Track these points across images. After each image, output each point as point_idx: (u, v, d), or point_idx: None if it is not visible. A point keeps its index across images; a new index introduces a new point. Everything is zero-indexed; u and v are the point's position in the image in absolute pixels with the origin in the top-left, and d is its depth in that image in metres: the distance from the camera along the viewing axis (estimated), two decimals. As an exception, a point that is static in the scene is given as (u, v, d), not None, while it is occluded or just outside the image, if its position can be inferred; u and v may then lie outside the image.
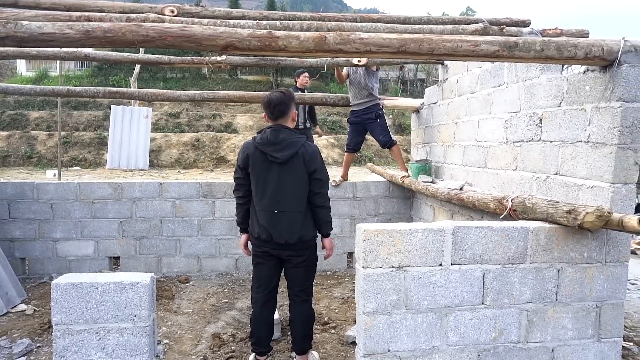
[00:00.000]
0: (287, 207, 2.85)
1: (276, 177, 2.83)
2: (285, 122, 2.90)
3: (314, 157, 2.86)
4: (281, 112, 2.86)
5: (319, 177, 2.88)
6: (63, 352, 1.98)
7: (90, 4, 3.51)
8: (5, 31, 2.03)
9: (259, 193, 2.88)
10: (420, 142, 5.72)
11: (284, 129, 2.86)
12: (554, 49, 2.29)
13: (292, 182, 2.84)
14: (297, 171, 2.83)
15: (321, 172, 2.89)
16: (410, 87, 31.11)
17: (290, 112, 2.90)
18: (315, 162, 2.86)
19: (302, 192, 2.87)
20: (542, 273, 2.32)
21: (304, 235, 2.91)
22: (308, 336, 3.09)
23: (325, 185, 2.93)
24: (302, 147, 2.85)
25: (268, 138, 2.83)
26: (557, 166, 2.88)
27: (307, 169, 2.84)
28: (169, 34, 2.15)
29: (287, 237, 2.86)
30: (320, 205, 2.93)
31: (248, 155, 2.88)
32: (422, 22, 3.64)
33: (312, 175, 2.86)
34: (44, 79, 24.82)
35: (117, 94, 5.72)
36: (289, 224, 2.86)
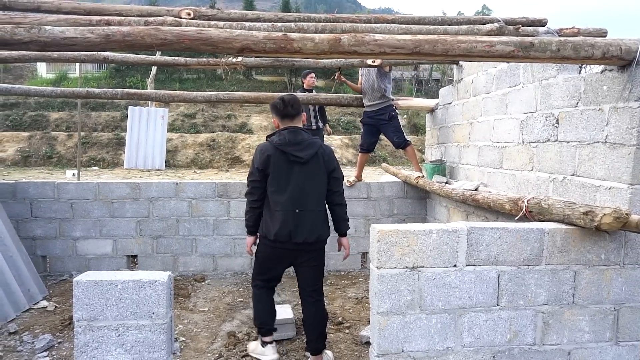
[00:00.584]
0: (309, 206, 2.90)
1: (298, 177, 2.87)
2: (299, 122, 2.97)
3: (332, 157, 3.00)
4: (297, 111, 2.93)
5: (337, 175, 3.00)
6: (84, 348, 2.03)
7: (109, 8, 3.59)
8: (30, 36, 2.10)
9: (280, 193, 2.88)
10: (435, 142, 5.69)
11: (300, 130, 2.93)
12: (570, 49, 2.27)
13: (313, 181, 2.91)
14: (317, 170, 2.91)
15: (338, 171, 3.02)
16: (425, 87, 30.92)
17: (302, 114, 3.01)
18: (333, 161, 2.99)
19: (322, 191, 2.97)
20: (558, 275, 2.30)
21: (322, 234, 2.98)
22: (322, 336, 3.11)
23: (342, 184, 3.05)
24: (321, 148, 2.97)
25: (287, 139, 2.86)
26: (574, 167, 2.85)
27: (326, 168, 2.94)
28: (187, 37, 2.19)
29: (307, 235, 2.89)
30: (339, 203, 3.04)
31: (269, 157, 2.88)
32: (437, 23, 3.63)
33: (332, 174, 2.97)
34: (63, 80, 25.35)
35: (135, 95, 5.82)
36: (311, 222, 2.90)
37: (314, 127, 6.71)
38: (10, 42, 2.11)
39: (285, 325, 3.57)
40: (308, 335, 3.09)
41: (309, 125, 6.67)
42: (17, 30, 2.11)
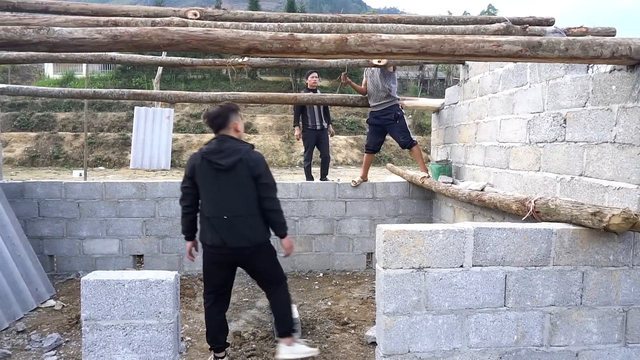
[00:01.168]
0: (237, 212, 2.92)
1: (223, 184, 2.92)
2: (228, 132, 3.00)
3: (257, 163, 2.95)
4: (219, 125, 2.98)
5: (265, 181, 2.95)
6: (92, 347, 2.04)
7: (116, 9, 3.61)
8: (39, 37, 2.11)
9: (207, 200, 2.99)
10: (441, 142, 5.68)
11: (228, 139, 2.98)
12: (578, 48, 2.26)
13: (239, 188, 2.92)
14: (241, 177, 2.91)
15: (266, 177, 2.96)
16: (430, 87, 30.83)
17: (231, 122, 2.99)
18: (259, 167, 2.95)
19: (250, 196, 2.94)
20: (566, 276, 2.28)
21: (255, 238, 2.98)
22: (287, 317, 3.15)
23: (273, 190, 3.00)
24: (246, 154, 2.94)
25: (212, 148, 2.96)
26: (581, 167, 2.83)
27: (251, 174, 2.91)
28: (194, 38, 2.20)
29: (239, 240, 2.93)
30: (270, 209, 3.00)
31: (194, 166, 3.00)
32: (443, 22, 3.62)
33: (258, 180, 2.93)
34: (70, 81, 25.52)
35: (141, 95, 5.85)
36: (241, 228, 2.93)
37: (318, 127, 6.69)
38: (20, 43, 2.13)
39: (291, 325, 3.57)
40: (274, 319, 3.23)
41: (313, 125, 6.66)
42: (26, 31, 2.13)
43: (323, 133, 6.78)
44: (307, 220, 5.43)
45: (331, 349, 3.43)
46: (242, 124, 3.10)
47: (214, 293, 3.16)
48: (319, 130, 6.71)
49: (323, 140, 6.82)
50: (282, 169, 19.68)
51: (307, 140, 6.77)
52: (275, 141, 21.51)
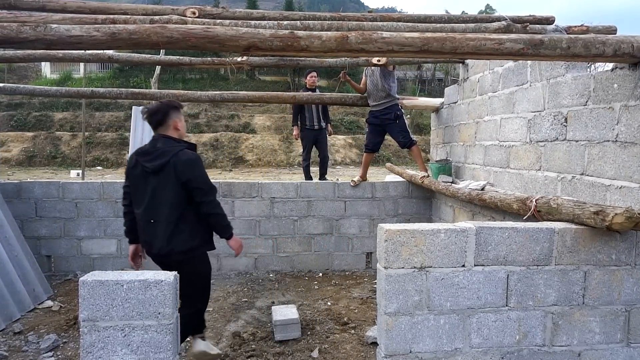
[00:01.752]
0: (161, 217, 2.77)
1: (150, 187, 2.78)
2: (166, 131, 2.86)
3: (187, 166, 2.76)
4: (157, 122, 2.85)
5: (197, 185, 2.77)
6: (90, 348, 2.02)
7: (114, 7, 3.59)
8: (35, 34, 2.08)
9: (137, 203, 2.87)
10: (440, 142, 5.66)
11: (162, 138, 2.84)
12: (581, 46, 2.24)
13: (165, 192, 2.76)
14: (169, 180, 2.75)
15: (199, 181, 2.79)
16: (429, 87, 30.85)
17: (170, 120, 2.85)
18: (188, 171, 2.76)
19: (175, 202, 2.76)
20: (568, 275, 2.27)
21: (176, 247, 2.77)
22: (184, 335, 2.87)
23: (209, 193, 2.81)
24: (175, 157, 2.76)
25: (146, 148, 2.86)
26: (583, 166, 2.82)
27: (179, 178, 2.74)
28: (193, 35, 2.17)
29: (160, 247, 2.78)
30: (208, 213, 2.82)
31: (128, 167, 2.94)
32: (443, 21, 3.60)
33: (189, 184, 2.76)
34: (67, 80, 25.43)
35: (140, 95, 5.82)
36: (164, 234, 2.76)
37: (317, 127, 6.67)
38: (16, 41, 2.10)
39: (291, 325, 3.56)
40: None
41: (311, 125, 6.65)
42: (23, 28, 2.10)
43: (321, 133, 6.77)
44: (307, 220, 5.41)
45: (331, 349, 3.41)
46: (183, 123, 2.95)
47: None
48: (317, 130, 6.70)
49: (321, 139, 6.81)
50: (281, 168, 19.67)
51: (305, 140, 6.77)
52: (273, 141, 21.48)
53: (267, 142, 21.19)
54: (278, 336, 3.52)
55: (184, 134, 2.98)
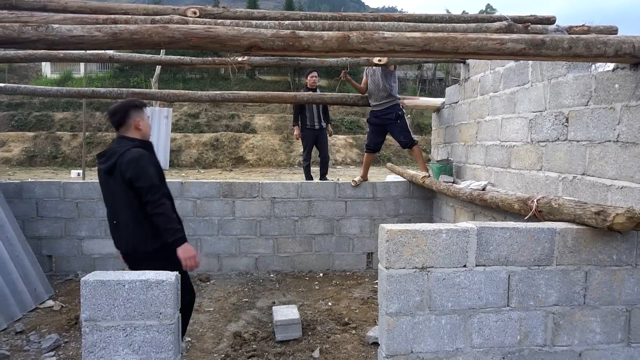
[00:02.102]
0: (119, 218, 2.80)
1: (109, 188, 2.82)
2: (126, 131, 2.83)
3: (129, 165, 2.71)
4: (117, 123, 2.83)
5: (140, 185, 2.71)
6: (92, 348, 2.02)
7: (115, 7, 3.59)
8: (37, 34, 2.08)
9: (105, 204, 2.92)
10: (441, 142, 5.66)
11: (120, 139, 2.84)
12: (582, 46, 2.24)
13: (117, 192, 2.77)
14: (117, 181, 2.75)
15: (140, 179, 2.71)
16: (429, 87, 30.84)
17: (130, 120, 2.82)
18: (130, 170, 2.71)
19: (127, 202, 2.75)
20: (569, 275, 2.27)
21: (138, 247, 2.78)
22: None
23: (150, 192, 2.71)
24: (120, 156, 2.74)
25: (104, 150, 2.88)
26: (584, 166, 2.82)
27: (123, 178, 2.72)
28: (194, 35, 2.17)
29: (124, 246, 2.82)
30: (151, 213, 2.73)
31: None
32: (444, 21, 3.60)
33: (132, 184, 2.72)
34: (67, 80, 25.44)
35: (140, 95, 5.81)
36: (123, 233, 2.80)
37: (317, 127, 6.67)
38: (18, 41, 2.10)
39: (291, 325, 3.56)
40: None
41: (311, 125, 6.64)
42: (25, 28, 2.10)
43: (322, 132, 6.76)
44: (307, 220, 5.41)
45: (332, 349, 3.41)
46: (146, 122, 2.89)
47: None
48: (318, 130, 6.69)
49: (322, 139, 6.81)
50: (281, 168, 19.67)
51: (306, 140, 6.76)
52: (274, 141, 21.48)
53: (267, 142, 21.18)
54: (279, 336, 3.52)
55: (147, 132, 2.92)
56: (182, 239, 2.75)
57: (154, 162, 2.83)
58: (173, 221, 2.76)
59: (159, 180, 2.80)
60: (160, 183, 2.81)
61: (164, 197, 2.75)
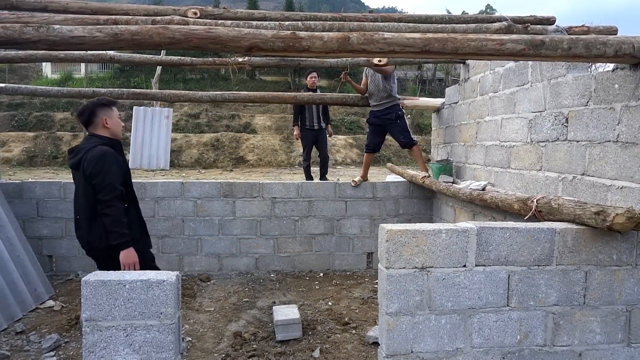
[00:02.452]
0: (80, 213, 2.88)
1: (75, 184, 2.91)
2: (95, 129, 2.91)
3: (91, 162, 2.77)
4: (85, 122, 2.91)
5: (96, 181, 2.75)
6: (92, 348, 2.02)
7: (116, 7, 3.59)
8: (38, 35, 2.09)
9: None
10: (441, 142, 5.67)
11: (90, 137, 2.92)
12: (582, 47, 2.25)
13: (80, 188, 2.86)
14: (81, 177, 2.82)
15: (97, 177, 2.75)
16: (429, 87, 30.84)
17: (98, 119, 2.88)
18: (91, 166, 2.76)
19: (87, 198, 2.82)
20: (569, 275, 2.27)
21: (94, 243, 2.84)
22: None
23: (103, 191, 2.74)
24: (86, 153, 2.81)
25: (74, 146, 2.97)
26: (584, 166, 2.82)
27: (85, 174, 2.79)
28: (195, 36, 2.18)
29: (83, 242, 2.90)
30: (100, 212, 2.77)
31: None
32: (444, 22, 3.61)
33: (90, 180, 2.76)
34: (68, 81, 25.45)
35: (141, 95, 5.84)
36: (83, 229, 2.87)
37: (316, 127, 6.68)
38: (19, 41, 2.11)
39: (292, 325, 3.56)
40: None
41: (311, 125, 6.66)
42: (26, 29, 2.11)
43: (321, 133, 6.78)
44: (308, 220, 5.42)
45: (332, 349, 3.42)
46: (115, 119, 2.94)
47: None
48: (317, 130, 6.71)
49: (321, 140, 6.82)
50: (282, 168, 19.67)
51: (305, 140, 6.78)
52: (274, 141, 21.48)
53: (267, 142, 21.19)
54: (279, 336, 3.53)
55: (116, 130, 2.97)
56: (126, 243, 2.75)
57: (119, 162, 2.87)
58: (119, 225, 2.74)
59: (121, 181, 2.83)
60: (122, 185, 2.84)
61: (117, 200, 2.75)
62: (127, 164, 2.99)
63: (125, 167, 2.95)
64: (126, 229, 2.77)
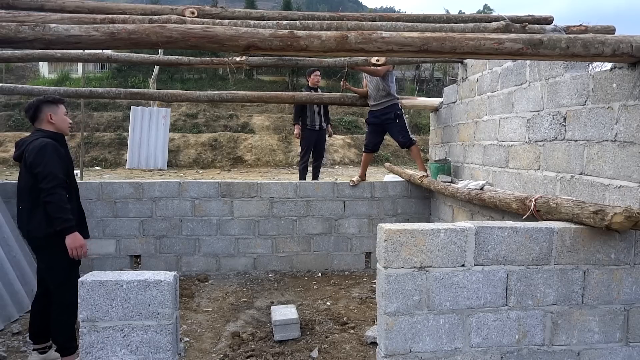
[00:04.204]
0: (22, 203, 3.00)
1: (19, 175, 3.04)
2: (40, 124, 3.05)
3: (31, 152, 2.90)
4: (31, 118, 3.07)
5: (36, 171, 2.87)
6: (89, 349, 2.01)
7: (113, 7, 3.57)
8: (34, 34, 2.08)
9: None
10: (439, 141, 5.67)
11: (35, 131, 3.05)
12: (580, 46, 2.25)
13: (22, 178, 3.00)
14: (23, 168, 2.97)
15: (38, 166, 2.86)
16: (427, 87, 30.87)
17: (43, 114, 3.03)
18: (32, 156, 2.89)
19: (27, 187, 2.96)
20: (568, 275, 2.27)
21: (32, 231, 2.96)
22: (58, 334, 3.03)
23: (45, 180, 2.84)
24: (28, 145, 2.95)
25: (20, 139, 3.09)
26: (582, 166, 2.82)
27: (26, 164, 2.93)
28: (192, 35, 2.17)
29: (23, 231, 3.05)
30: (44, 200, 2.87)
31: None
32: (442, 21, 3.60)
33: (31, 169, 2.89)
34: (65, 81, 25.35)
35: (138, 95, 5.81)
36: (23, 218, 2.99)
37: (318, 127, 6.62)
38: (15, 40, 2.09)
39: (290, 325, 3.55)
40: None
41: (312, 125, 6.60)
42: (22, 28, 2.09)
43: (322, 133, 6.73)
44: (306, 220, 5.41)
45: (331, 349, 3.41)
46: (60, 116, 3.07)
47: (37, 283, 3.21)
48: (318, 131, 6.65)
49: (321, 141, 6.78)
50: (280, 168, 19.65)
51: (306, 141, 6.68)
52: (272, 141, 21.47)
53: (265, 142, 21.17)
54: (277, 336, 3.52)
55: (62, 126, 3.11)
56: (71, 228, 2.88)
57: (60, 153, 2.99)
58: (63, 210, 2.86)
59: (63, 172, 2.94)
60: (64, 175, 2.95)
61: (59, 187, 2.86)
62: (70, 156, 3.13)
63: (67, 159, 3.08)
64: (69, 215, 2.88)
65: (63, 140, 3.12)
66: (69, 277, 2.94)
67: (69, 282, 2.91)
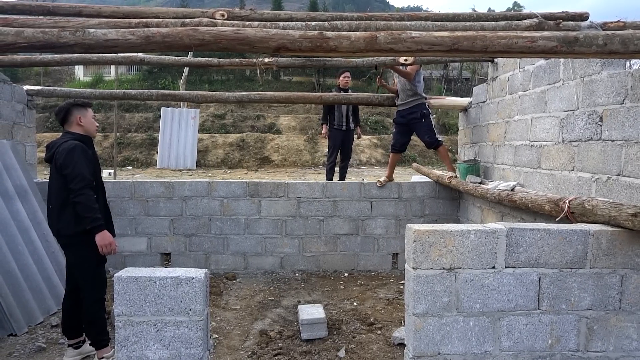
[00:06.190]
0: (52, 202, 3.11)
1: (50, 176, 3.14)
2: (70, 127, 3.17)
3: (61, 154, 3.01)
4: (61, 120, 3.19)
5: (65, 172, 2.98)
6: (124, 342, 2.08)
7: (146, 11, 3.68)
8: (75, 39, 2.16)
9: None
10: (468, 142, 5.58)
11: (64, 134, 3.16)
12: (618, 42, 2.17)
13: (52, 179, 3.10)
14: (54, 169, 3.08)
15: (67, 168, 2.97)
16: (455, 86, 30.37)
17: (72, 117, 3.15)
18: (60, 158, 3.00)
19: (57, 188, 3.05)
20: (604, 279, 2.21)
21: (62, 230, 3.06)
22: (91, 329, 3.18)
23: (74, 181, 2.96)
24: (58, 147, 3.06)
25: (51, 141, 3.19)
26: (619, 167, 2.73)
27: (56, 165, 3.03)
28: (224, 37, 2.21)
29: (53, 230, 3.14)
30: (72, 200, 2.98)
31: None
32: (472, 19, 3.54)
33: (61, 171, 3.00)
34: (99, 83, 26.19)
35: (169, 96, 5.96)
36: (53, 217, 3.10)
37: (344, 127, 6.61)
38: (57, 45, 2.19)
39: (317, 324, 3.57)
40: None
41: (339, 125, 6.60)
42: (63, 33, 2.18)
43: (349, 134, 6.71)
44: (332, 220, 5.42)
45: (358, 349, 3.41)
46: (88, 119, 3.19)
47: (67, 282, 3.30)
48: (345, 131, 6.64)
49: (348, 141, 6.76)
50: (306, 168, 19.73)
51: (332, 140, 6.68)
52: (299, 141, 21.56)
53: (292, 143, 21.28)
54: (304, 335, 3.54)
55: (90, 128, 3.23)
56: (100, 227, 3.00)
57: (88, 155, 3.11)
58: (92, 210, 2.98)
59: (90, 173, 3.06)
60: (91, 176, 3.07)
61: (87, 188, 2.98)
62: (97, 158, 3.25)
63: (95, 160, 3.19)
64: (98, 214, 3.01)
65: (90, 142, 3.24)
66: (96, 273, 3.16)
67: (97, 279, 3.14)
